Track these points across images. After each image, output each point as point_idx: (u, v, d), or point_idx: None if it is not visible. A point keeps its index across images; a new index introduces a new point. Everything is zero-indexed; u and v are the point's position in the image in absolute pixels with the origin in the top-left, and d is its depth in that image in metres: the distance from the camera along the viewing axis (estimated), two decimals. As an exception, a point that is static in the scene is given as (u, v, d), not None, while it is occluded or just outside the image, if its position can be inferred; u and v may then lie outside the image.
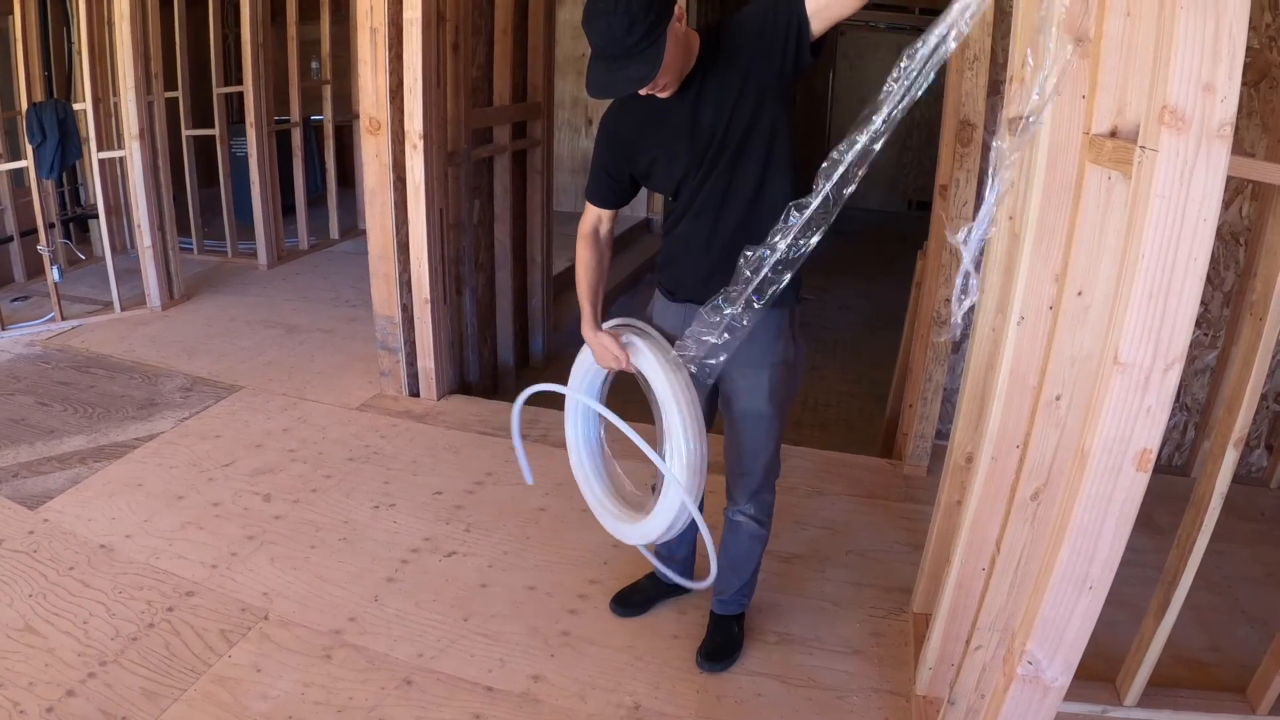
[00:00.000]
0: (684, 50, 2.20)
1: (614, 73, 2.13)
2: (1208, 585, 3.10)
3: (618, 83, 2.15)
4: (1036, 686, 1.70)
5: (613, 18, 2.05)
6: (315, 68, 8.47)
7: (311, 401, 4.71)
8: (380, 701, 2.63)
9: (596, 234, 2.61)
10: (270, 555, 3.32)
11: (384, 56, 4.23)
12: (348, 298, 6.63)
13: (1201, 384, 4.03)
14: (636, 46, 2.08)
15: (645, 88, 2.16)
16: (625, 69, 2.12)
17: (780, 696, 2.68)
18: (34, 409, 4.53)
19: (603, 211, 2.60)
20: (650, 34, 2.07)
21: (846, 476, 4.00)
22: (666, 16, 2.10)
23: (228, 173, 7.37)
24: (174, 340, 5.58)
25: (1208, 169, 1.32)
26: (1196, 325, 1.40)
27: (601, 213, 2.60)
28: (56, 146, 5.53)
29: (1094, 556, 1.55)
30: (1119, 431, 1.46)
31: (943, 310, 3.69)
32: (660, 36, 2.08)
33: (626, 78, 2.13)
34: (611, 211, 2.60)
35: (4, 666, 2.72)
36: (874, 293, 8.06)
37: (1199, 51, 1.28)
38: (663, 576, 2.91)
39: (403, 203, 4.48)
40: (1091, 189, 1.76)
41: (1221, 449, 2.14)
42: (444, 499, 3.72)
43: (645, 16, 2.05)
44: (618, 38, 2.07)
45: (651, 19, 2.06)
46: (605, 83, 2.15)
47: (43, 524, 3.48)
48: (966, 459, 2.61)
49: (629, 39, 2.07)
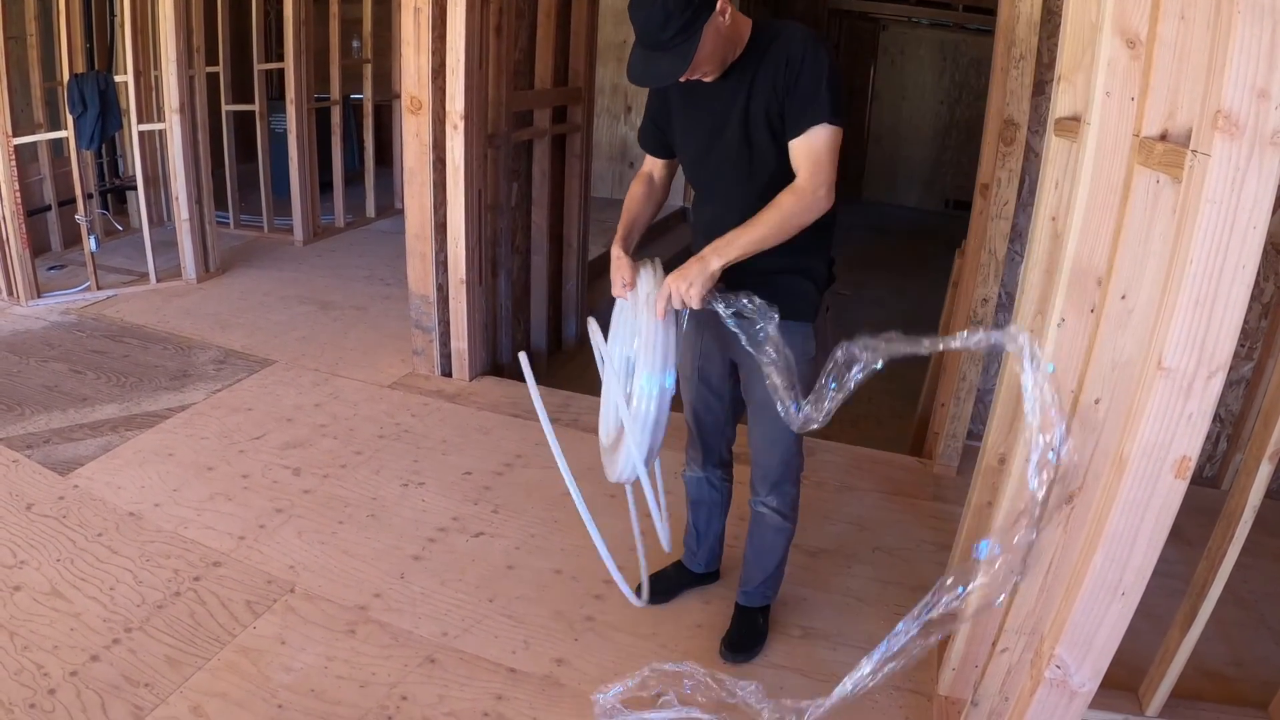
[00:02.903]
0: (727, 41, 2.20)
1: (649, 63, 2.16)
2: (1234, 599, 3.07)
3: (650, 74, 2.18)
4: (1064, 691, 1.69)
5: (651, 9, 2.07)
6: (356, 46, 8.48)
7: (343, 378, 4.73)
8: (403, 678, 2.64)
9: (650, 177, 2.64)
10: (298, 529, 3.34)
11: (427, 36, 4.24)
12: (382, 276, 6.66)
13: (1236, 395, 3.99)
14: (671, 41, 2.09)
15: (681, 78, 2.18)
16: (658, 62, 2.14)
17: (803, 691, 2.66)
18: (67, 376, 4.57)
19: (655, 160, 2.63)
20: (686, 29, 2.08)
21: (876, 473, 3.98)
22: (706, 11, 2.09)
23: (266, 149, 7.40)
24: (208, 313, 5.62)
25: (1260, 175, 1.30)
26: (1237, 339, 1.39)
27: (654, 161, 2.63)
28: (97, 118, 5.57)
29: (1128, 563, 1.55)
30: (1159, 438, 1.45)
31: (979, 310, 3.66)
32: (696, 32, 2.09)
33: (658, 71, 2.16)
34: (663, 161, 2.62)
35: (30, 629, 2.75)
36: (909, 290, 8.02)
37: (1255, 57, 1.27)
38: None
39: (442, 183, 4.48)
40: (1139, 192, 1.74)
41: (1256, 462, 2.12)
42: (473, 479, 3.74)
43: (682, 12, 2.06)
44: (653, 30, 2.09)
45: (688, 15, 2.06)
46: (640, 71, 2.18)
47: (73, 490, 3.52)
48: (999, 460, 2.59)
49: (663, 34, 2.08)
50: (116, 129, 5.86)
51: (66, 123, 5.59)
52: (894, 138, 11.88)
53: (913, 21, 11.52)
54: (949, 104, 11.62)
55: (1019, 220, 3.60)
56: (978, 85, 11.15)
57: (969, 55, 11.31)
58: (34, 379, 4.53)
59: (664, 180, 2.65)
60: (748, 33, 2.26)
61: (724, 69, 2.26)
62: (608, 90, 9.64)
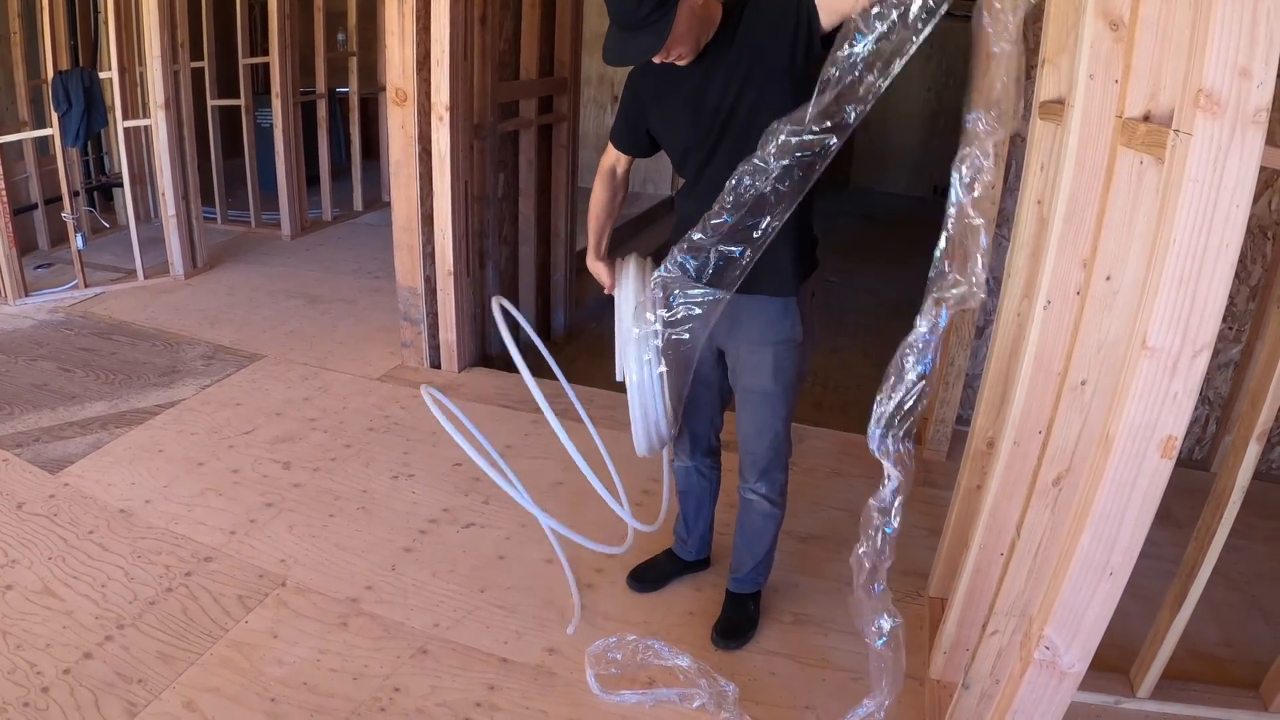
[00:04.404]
0: (700, 21, 2.21)
1: (625, 42, 2.17)
2: (1224, 581, 3.08)
3: (627, 52, 2.19)
4: (1053, 672, 1.70)
5: None
6: (341, 39, 8.46)
7: (332, 371, 4.73)
8: (395, 670, 2.64)
9: (613, 173, 2.66)
10: (289, 523, 3.34)
11: (412, 28, 4.23)
12: (370, 269, 6.65)
13: (1224, 378, 4.00)
14: (647, 19, 2.10)
15: (656, 57, 2.19)
16: (635, 40, 2.15)
17: (794, 676, 2.68)
18: (56, 374, 4.56)
19: (620, 154, 2.64)
20: (661, 7, 2.09)
21: (866, 459, 3.93)
22: None
23: (252, 143, 7.37)
24: (196, 308, 5.61)
25: (1242, 154, 1.30)
26: (1221, 318, 1.39)
27: (620, 155, 2.64)
28: (82, 115, 5.55)
29: (1115, 543, 1.55)
30: (1145, 417, 1.45)
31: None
32: (670, 10, 2.10)
33: (635, 48, 2.17)
34: (628, 156, 2.64)
35: (22, 628, 2.75)
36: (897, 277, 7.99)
37: (1236, 36, 1.27)
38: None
39: (428, 175, 4.48)
40: (1123, 173, 1.75)
41: (1244, 443, 2.13)
42: (463, 470, 3.73)
43: None
44: (629, 9, 2.10)
45: None
46: (617, 51, 2.19)
47: (63, 488, 3.51)
48: (988, 444, 2.60)
49: (639, 11, 2.09)
50: (102, 126, 5.84)
51: (51, 120, 5.57)
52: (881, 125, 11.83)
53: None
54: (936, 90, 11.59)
55: (1005, 204, 3.60)
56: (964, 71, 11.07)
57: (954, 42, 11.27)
58: (23, 378, 4.52)
59: (626, 175, 2.68)
60: (719, 15, 2.27)
61: (698, 50, 2.26)
62: (594, 80, 9.62)
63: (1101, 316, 1.84)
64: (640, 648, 2.67)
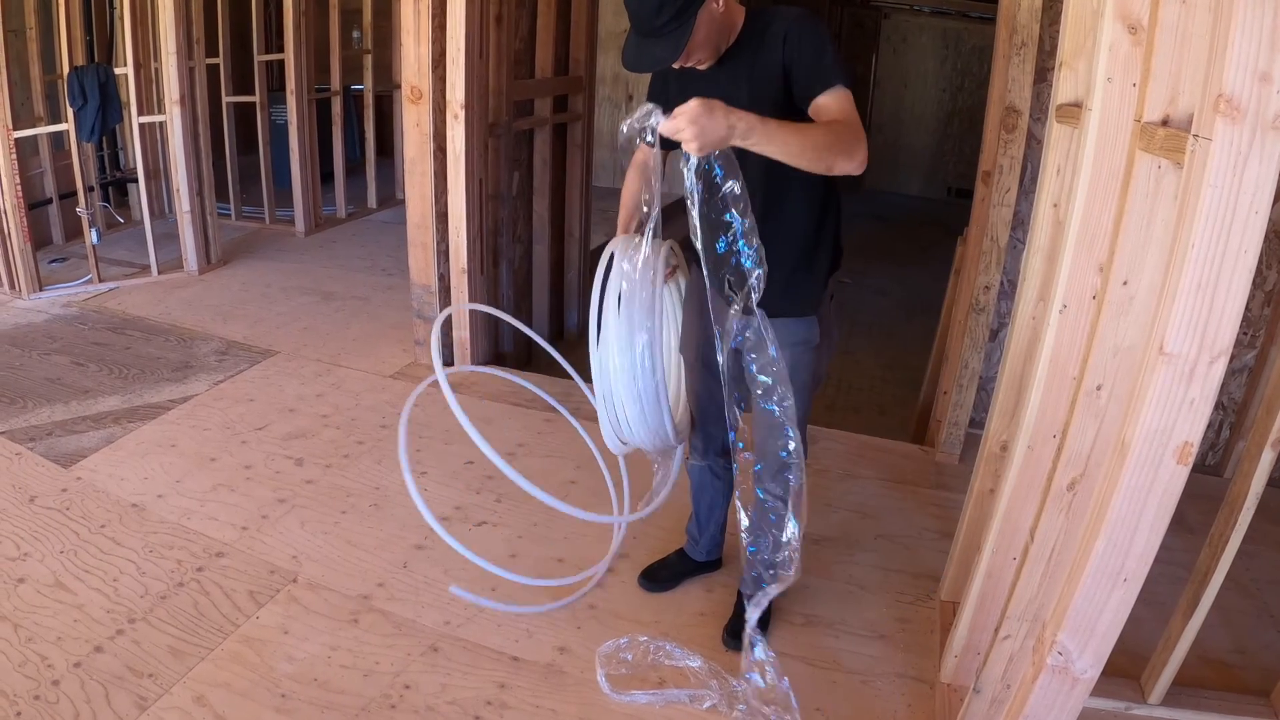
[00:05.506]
0: (721, 28, 2.21)
1: (643, 49, 2.16)
2: (1236, 587, 3.07)
3: (643, 60, 2.18)
4: (1065, 677, 1.69)
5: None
6: (356, 36, 8.47)
7: (345, 368, 4.74)
8: (406, 667, 2.65)
9: (645, 165, 2.62)
10: (301, 519, 3.35)
11: (427, 26, 4.23)
12: (384, 266, 6.66)
13: (1239, 383, 3.98)
14: (664, 28, 2.10)
15: (675, 64, 2.18)
16: (653, 48, 2.14)
17: (805, 678, 2.67)
18: (69, 369, 4.58)
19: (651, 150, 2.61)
20: (679, 17, 2.09)
21: (878, 461, 3.98)
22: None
23: (267, 140, 7.39)
24: (210, 304, 5.63)
25: (1261, 159, 1.30)
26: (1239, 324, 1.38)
27: (651, 150, 2.60)
28: (97, 110, 5.57)
29: (1130, 549, 1.54)
30: (1161, 423, 1.44)
31: (981, 297, 3.66)
32: (689, 20, 2.10)
33: (651, 56, 2.16)
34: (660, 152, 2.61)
35: (33, 621, 2.76)
36: (910, 278, 8.00)
37: (1257, 41, 1.26)
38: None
39: (442, 172, 4.48)
40: (1141, 177, 1.74)
41: (1258, 449, 2.12)
42: (475, 468, 3.73)
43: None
44: (647, 17, 2.10)
45: (682, 2, 2.07)
46: (634, 57, 2.18)
47: (76, 482, 3.52)
48: (1001, 447, 2.59)
49: (657, 20, 2.09)
50: (117, 121, 5.86)
51: (67, 116, 5.59)
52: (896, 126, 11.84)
53: (915, 9, 11.48)
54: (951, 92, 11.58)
55: (1021, 207, 3.59)
56: (980, 73, 11.11)
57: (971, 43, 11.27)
58: (36, 372, 4.53)
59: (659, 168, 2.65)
60: (741, 20, 2.26)
61: (718, 56, 2.26)
62: (609, 79, 9.63)
63: (1118, 321, 1.83)
64: (651, 648, 2.68)
